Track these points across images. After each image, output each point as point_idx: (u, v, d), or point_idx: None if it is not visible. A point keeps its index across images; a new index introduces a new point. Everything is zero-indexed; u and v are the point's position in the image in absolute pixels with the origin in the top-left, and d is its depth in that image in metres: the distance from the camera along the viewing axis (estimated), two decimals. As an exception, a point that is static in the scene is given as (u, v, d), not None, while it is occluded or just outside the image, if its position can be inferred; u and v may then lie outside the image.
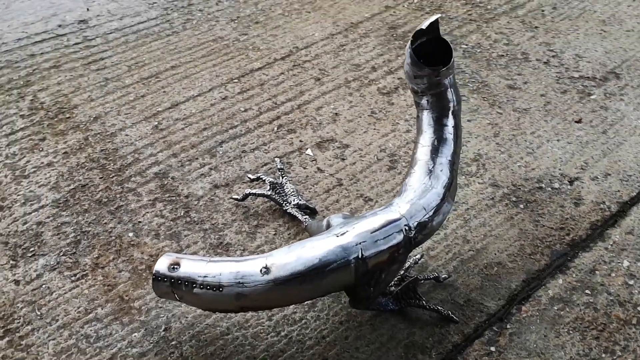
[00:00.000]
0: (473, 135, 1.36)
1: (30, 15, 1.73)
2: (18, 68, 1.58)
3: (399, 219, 0.93)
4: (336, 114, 1.41)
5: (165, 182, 1.24)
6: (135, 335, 0.97)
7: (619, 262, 1.08)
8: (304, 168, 1.28)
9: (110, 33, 1.72)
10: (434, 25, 0.97)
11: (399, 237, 0.92)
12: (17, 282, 1.05)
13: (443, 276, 1.05)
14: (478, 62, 1.58)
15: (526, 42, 1.66)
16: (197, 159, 1.30)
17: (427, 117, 1.03)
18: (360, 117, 1.41)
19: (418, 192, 0.97)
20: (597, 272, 1.06)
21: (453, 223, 1.15)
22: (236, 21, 1.74)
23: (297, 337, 0.97)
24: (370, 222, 0.93)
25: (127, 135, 1.36)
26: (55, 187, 1.23)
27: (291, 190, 1.19)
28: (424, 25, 0.96)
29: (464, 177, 1.25)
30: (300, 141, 1.34)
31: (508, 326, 0.98)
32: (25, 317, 0.99)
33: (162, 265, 0.91)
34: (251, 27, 1.73)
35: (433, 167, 0.99)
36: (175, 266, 0.91)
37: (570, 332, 0.97)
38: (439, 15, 0.97)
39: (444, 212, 0.97)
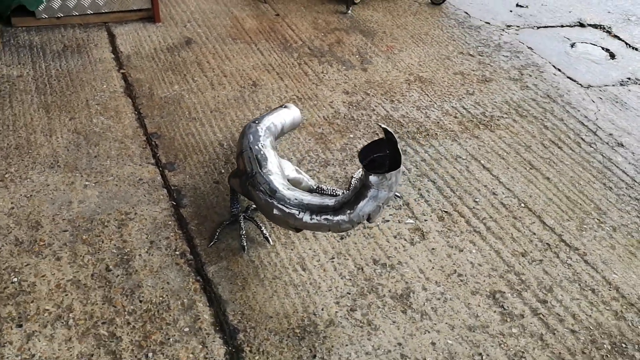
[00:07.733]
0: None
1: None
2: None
3: (254, 172, 1.33)
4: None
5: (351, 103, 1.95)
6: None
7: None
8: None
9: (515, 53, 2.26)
10: (391, 141, 1.08)
11: (248, 171, 1.34)
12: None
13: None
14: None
15: None
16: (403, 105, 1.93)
17: (343, 193, 1.21)
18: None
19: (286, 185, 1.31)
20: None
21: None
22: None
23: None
24: (272, 158, 1.37)
25: (396, 76, 2.05)
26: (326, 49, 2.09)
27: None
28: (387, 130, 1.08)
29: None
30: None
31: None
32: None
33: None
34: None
35: (309, 196, 1.26)
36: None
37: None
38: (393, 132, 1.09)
39: (264, 194, 1.28)
